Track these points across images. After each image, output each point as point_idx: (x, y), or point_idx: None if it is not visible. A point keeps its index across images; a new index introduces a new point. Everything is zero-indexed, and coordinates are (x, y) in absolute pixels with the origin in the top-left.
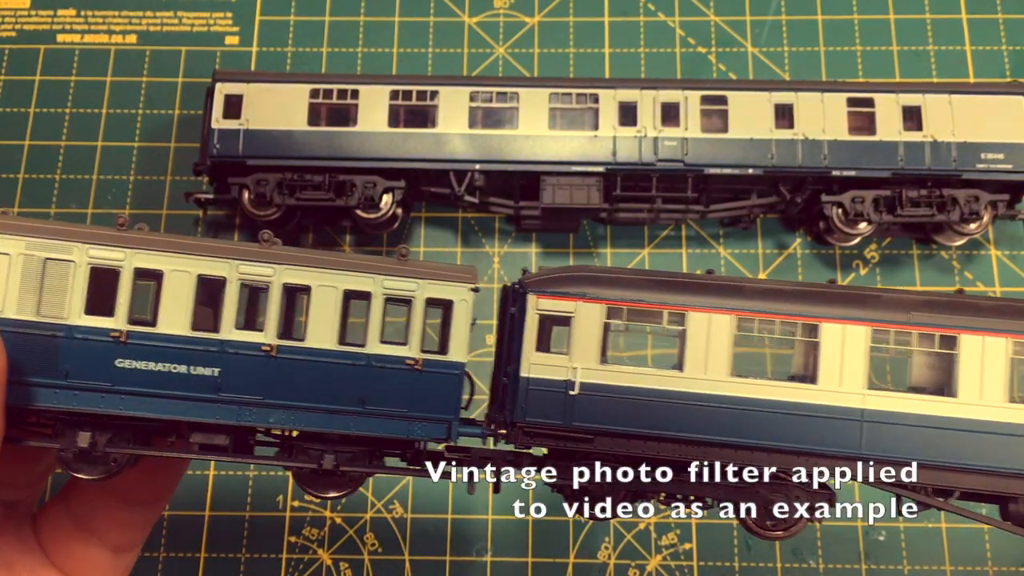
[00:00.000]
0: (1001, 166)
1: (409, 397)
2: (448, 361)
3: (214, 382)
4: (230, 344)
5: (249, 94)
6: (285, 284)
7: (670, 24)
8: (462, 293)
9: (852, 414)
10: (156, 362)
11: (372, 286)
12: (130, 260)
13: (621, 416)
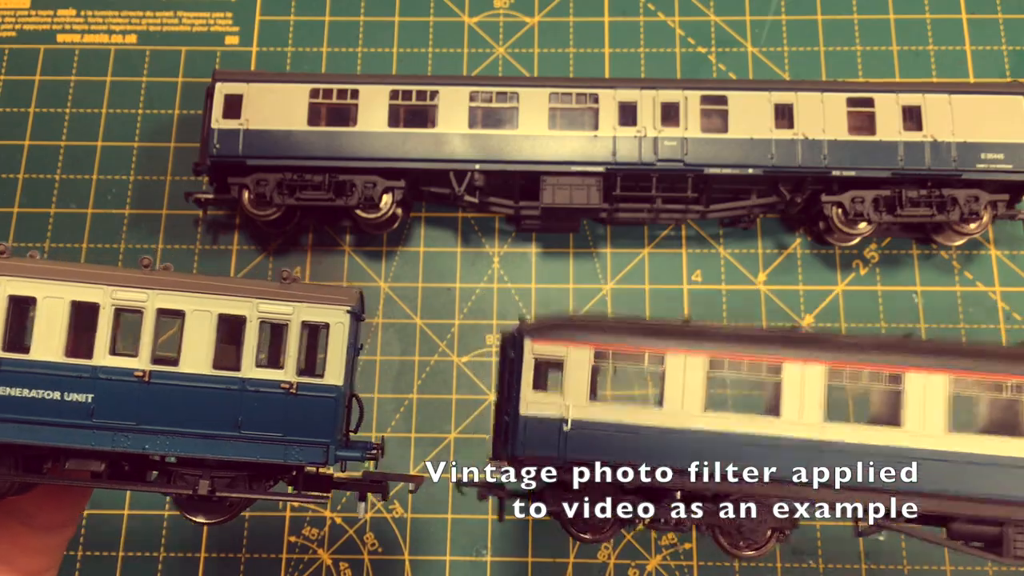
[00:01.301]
0: (1001, 166)
1: (285, 421)
2: (324, 384)
3: (88, 408)
4: (103, 370)
5: (249, 94)
6: (159, 308)
7: (670, 24)
8: (338, 316)
9: (811, 445)
10: (30, 389)
11: (247, 310)
12: (3, 287)
13: (610, 448)
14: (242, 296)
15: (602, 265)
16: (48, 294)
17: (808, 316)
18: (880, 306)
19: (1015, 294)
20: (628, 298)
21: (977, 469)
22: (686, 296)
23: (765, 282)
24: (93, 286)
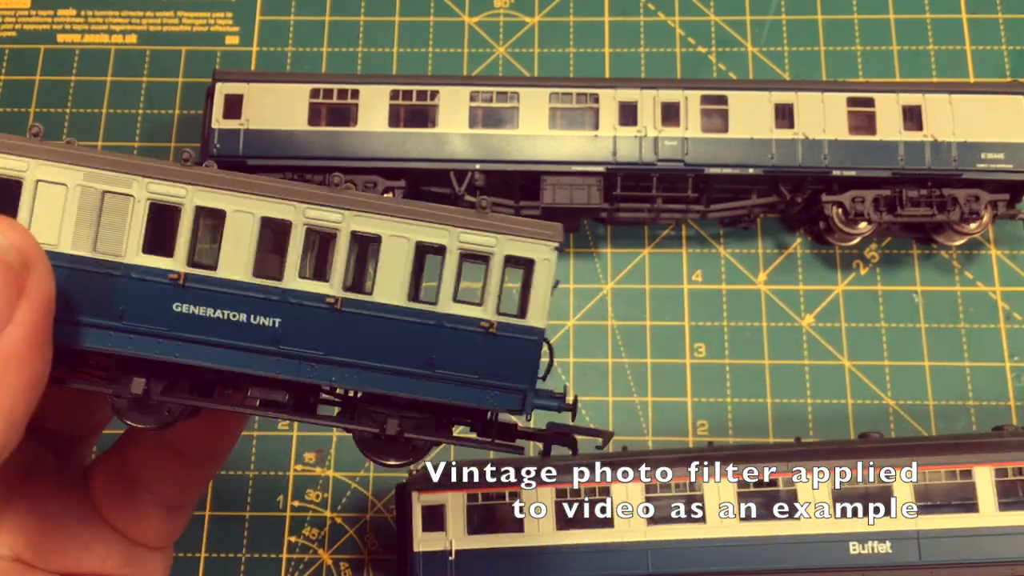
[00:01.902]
0: (1001, 166)
1: (482, 362)
2: (526, 326)
3: (274, 333)
4: (293, 294)
5: (249, 94)
6: (354, 232)
7: (670, 24)
8: (545, 252)
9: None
10: (215, 308)
11: (447, 239)
12: (192, 197)
13: (490, 569)
14: (443, 224)
15: (602, 265)
16: (239, 208)
17: (808, 316)
18: (880, 306)
19: (1015, 294)
20: (628, 298)
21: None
22: (686, 296)
23: (765, 282)
24: (286, 203)
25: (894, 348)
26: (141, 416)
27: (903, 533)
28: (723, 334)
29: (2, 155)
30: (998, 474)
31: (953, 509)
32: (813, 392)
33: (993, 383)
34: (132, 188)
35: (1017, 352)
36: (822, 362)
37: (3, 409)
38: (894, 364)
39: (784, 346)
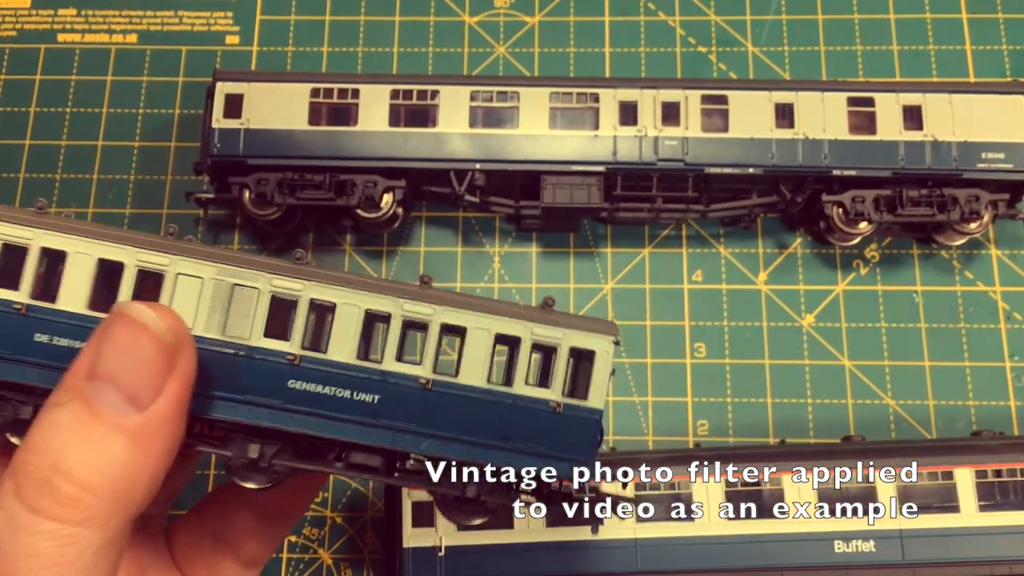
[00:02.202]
0: (1001, 165)
1: (548, 437)
2: (587, 407)
3: (373, 408)
4: (391, 375)
5: (250, 93)
6: (443, 323)
7: (670, 24)
8: (604, 344)
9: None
10: (324, 385)
11: (522, 331)
12: (307, 291)
13: (479, 565)
14: (517, 319)
15: (602, 265)
16: (347, 301)
17: (809, 316)
18: (880, 305)
19: (1015, 294)
20: (628, 298)
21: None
22: (686, 296)
23: (766, 281)
24: (386, 297)
25: (894, 348)
26: (251, 476)
27: (887, 532)
28: (723, 334)
29: (151, 252)
30: (978, 476)
31: (935, 510)
32: (813, 392)
33: (993, 383)
34: (258, 282)
35: (1017, 352)
36: (822, 362)
37: (149, 467)
38: (894, 364)
39: (784, 346)
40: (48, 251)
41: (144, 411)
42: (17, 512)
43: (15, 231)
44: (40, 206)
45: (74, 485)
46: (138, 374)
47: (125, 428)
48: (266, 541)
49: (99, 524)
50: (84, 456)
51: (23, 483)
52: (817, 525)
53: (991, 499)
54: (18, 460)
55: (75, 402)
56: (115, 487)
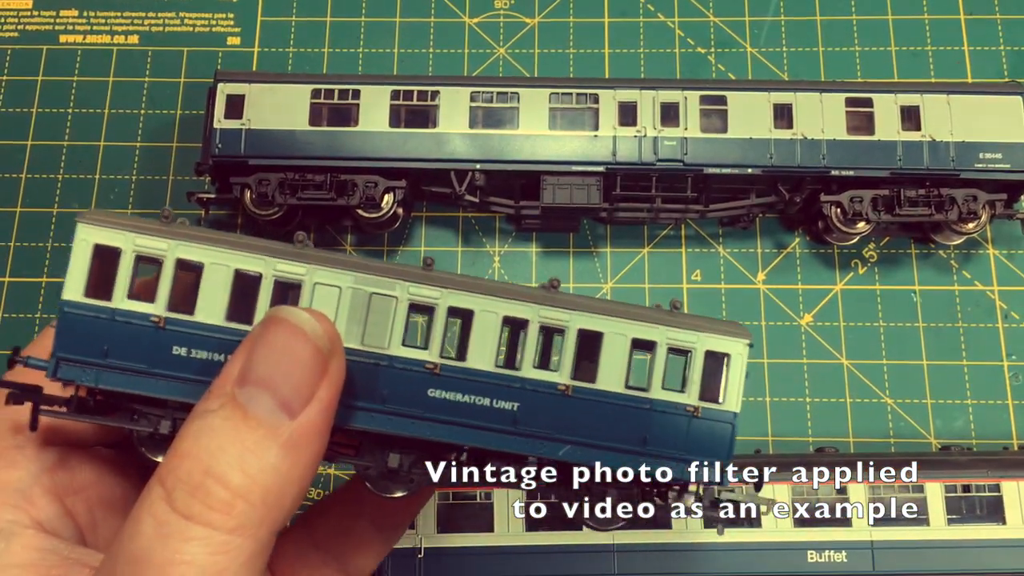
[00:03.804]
0: (999, 166)
1: (686, 441)
2: (723, 410)
3: (513, 416)
4: (529, 382)
5: (251, 94)
6: (580, 329)
7: (669, 25)
8: (739, 348)
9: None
10: (463, 394)
11: (658, 336)
12: (445, 299)
13: (457, 567)
14: (653, 323)
15: (602, 265)
16: (484, 308)
17: (807, 315)
18: (879, 305)
19: (1013, 293)
20: (628, 297)
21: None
22: (686, 295)
23: (764, 281)
24: (524, 304)
25: (892, 347)
26: (390, 486)
27: (858, 543)
28: None
29: (288, 262)
30: (948, 490)
31: (906, 522)
32: (812, 391)
33: (990, 382)
34: (395, 290)
35: (1014, 351)
36: (821, 361)
37: (298, 476)
38: (892, 363)
39: (783, 345)
40: (184, 262)
41: (296, 418)
42: (168, 518)
43: (151, 242)
44: (167, 215)
45: (228, 490)
46: (292, 380)
47: (278, 435)
48: (376, 551)
49: (249, 533)
50: (238, 462)
51: (174, 488)
52: (790, 535)
53: (959, 513)
54: (167, 466)
55: (228, 407)
56: (266, 495)
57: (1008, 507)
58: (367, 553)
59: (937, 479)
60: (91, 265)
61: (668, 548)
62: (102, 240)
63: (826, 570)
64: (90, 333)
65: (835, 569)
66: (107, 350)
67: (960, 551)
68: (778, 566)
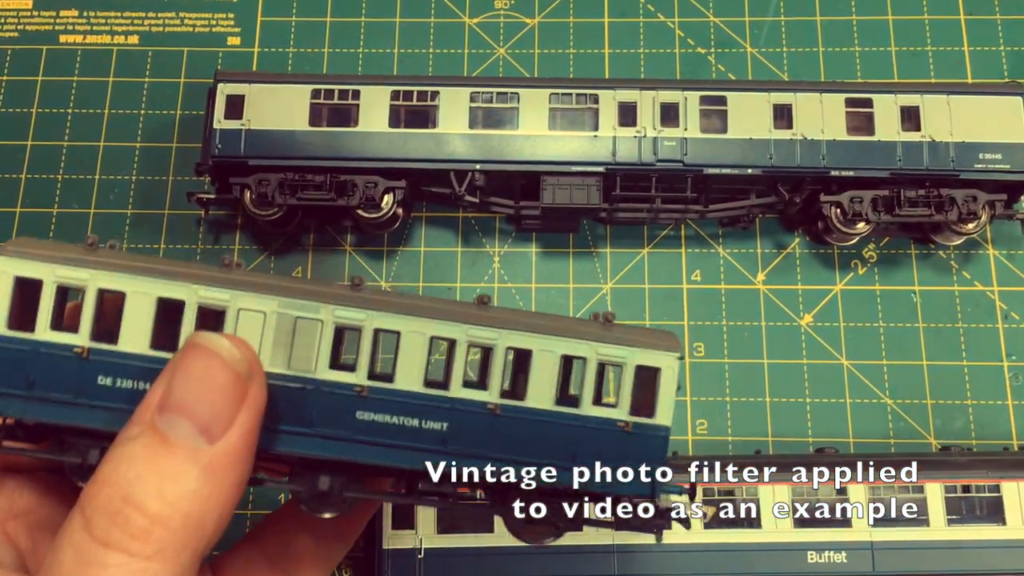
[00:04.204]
0: (999, 166)
1: (617, 456)
2: (655, 424)
3: (442, 436)
4: (459, 402)
5: (251, 94)
6: (508, 347)
7: (669, 25)
8: (670, 362)
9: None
10: (393, 415)
11: (587, 352)
12: (371, 321)
13: (456, 567)
14: (582, 339)
15: (602, 265)
16: (412, 329)
17: (807, 315)
18: (878, 305)
19: (1013, 293)
20: (628, 298)
21: None
22: (685, 296)
23: (764, 282)
24: (451, 324)
25: (892, 347)
26: (323, 507)
27: (858, 544)
28: (722, 334)
29: (211, 288)
30: (947, 491)
31: (906, 523)
32: (812, 391)
33: (991, 382)
34: (320, 313)
35: (1015, 351)
36: (821, 361)
37: (220, 501)
38: (892, 363)
39: (783, 345)
40: (106, 291)
41: (216, 443)
42: (87, 546)
43: (71, 273)
44: (91, 242)
45: (145, 517)
46: (211, 404)
47: (197, 460)
48: (322, 566)
49: (169, 558)
50: (156, 488)
51: (92, 516)
52: (790, 535)
53: (959, 513)
54: (87, 494)
55: (147, 434)
56: (186, 521)
57: (1008, 508)
58: (313, 568)
59: (937, 479)
60: (12, 297)
61: (668, 549)
62: (22, 272)
63: (826, 570)
64: (14, 364)
65: (835, 570)
66: (32, 381)
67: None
68: (778, 567)
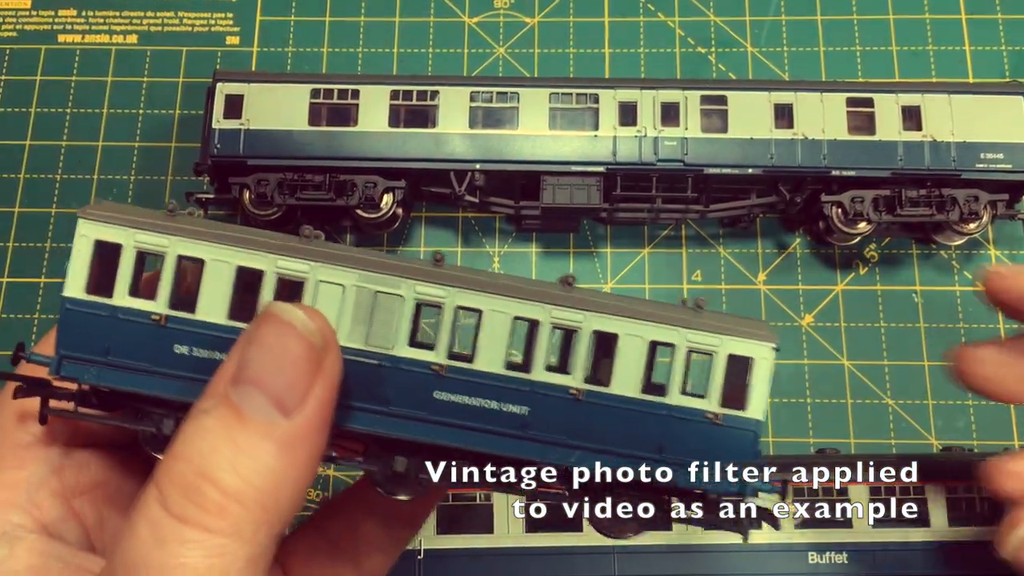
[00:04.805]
0: (1000, 166)
1: (705, 449)
2: (746, 418)
3: (522, 420)
4: (540, 385)
5: (250, 94)
6: (594, 331)
7: (670, 24)
8: (764, 352)
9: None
10: (471, 396)
11: (677, 338)
12: (452, 298)
13: (455, 570)
14: (671, 324)
15: (602, 265)
16: (494, 307)
17: (808, 316)
18: (880, 305)
19: None
20: None
21: None
22: (686, 296)
23: (765, 282)
24: (535, 304)
25: (893, 348)
26: (399, 489)
27: (859, 545)
28: None
29: (290, 258)
30: (949, 491)
31: (907, 523)
32: (812, 392)
33: None
34: (401, 289)
35: None
36: (821, 361)
37: (294, 477)
38: (893, 364)
39: (784, 346)
40: (186, 259)
41: (291, 416)
42: (163, 522)
43: (151, 238)
44: (172, 208)
45: (220, 492)
46: (285, 376)
47: (272, 434)
48: (389, 551)
49: (246, 537)
50: (231, 463)
51: (168, 490)
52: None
53: (960, 514)
54: (162, 468)
55: (221, 407)
56: (261, 498)
57: None
58: (379, 553)
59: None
60: (92, 261)
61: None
62: (103, 236)
63: (827, 571)
64: (92, 330)
65: (836, 570)
66: (109, 348)
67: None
68: (779, 567)
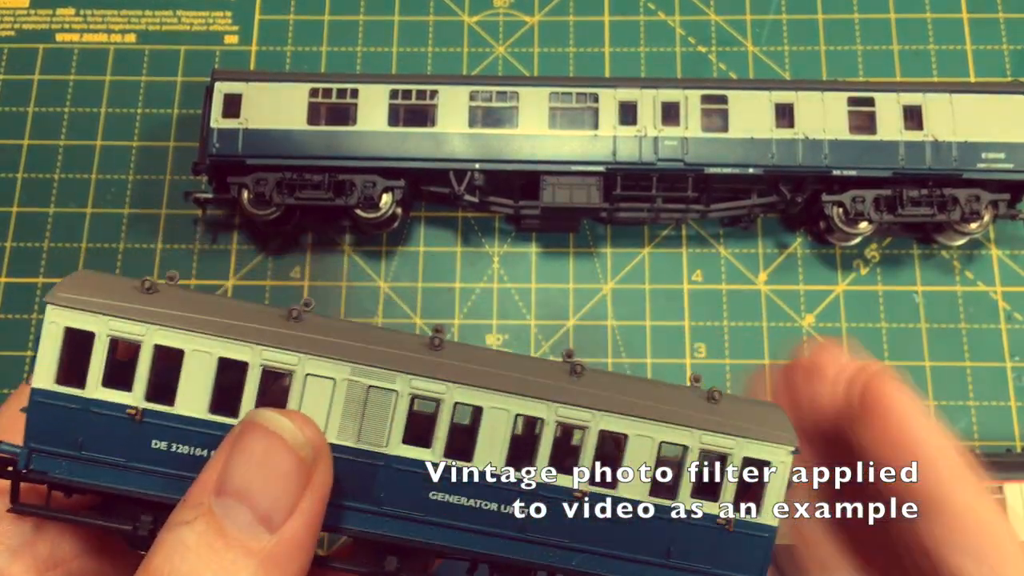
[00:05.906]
0: (1002, 166)
1: (715, 555)
2: (760, 524)
3: (522, 521)
4: (542, 487)
5: (248, 93)
6: (601, 430)
7: (670, 23)
8: (781, 455)
9: None
10: (468, 498)
11: (690, 440)
12: (451, 394)
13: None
14: (685, 425)
15: (602, 265)
16: (495, 405)
17: (809, 316)
18: (881, 306)
19: (1016, 294)
20: (628, 298)
21: None
22: (686, 296)
23: (766, 282)
24: (538, 402)
25: (894, 348)
26: None
27: None
28: (723, 334)
29: (276, 350)
30: None
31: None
32: None
33: (994, 383)
34: (396, 383)
35: (1018, 352)
36: None
37: None
38: (894, 364)
39: (784, 346)
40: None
41: (276, 532)
42: None
43: (127, 327)
44: (148, 286)
45: None
46: (272, 491)
47: (255, 552)
48: None
49: None
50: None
51: None
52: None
53: None
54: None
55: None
56: None
57: (1011, 509)
58: None
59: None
60: (63, 350)
61: None
62: (74, 323)
63: None
64: (63, 423)
65: None
66: (81, 441)
67: None
68: None
